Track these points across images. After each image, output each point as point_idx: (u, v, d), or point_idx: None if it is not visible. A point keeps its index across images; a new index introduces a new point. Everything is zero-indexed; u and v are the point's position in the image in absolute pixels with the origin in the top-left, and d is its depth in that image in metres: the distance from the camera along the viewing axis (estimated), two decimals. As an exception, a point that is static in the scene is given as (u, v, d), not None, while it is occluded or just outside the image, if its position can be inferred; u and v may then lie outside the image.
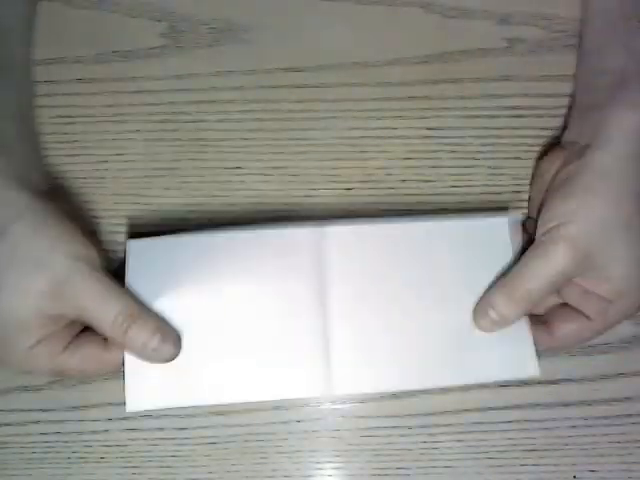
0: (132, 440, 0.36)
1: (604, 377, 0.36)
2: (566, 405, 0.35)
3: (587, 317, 0.30)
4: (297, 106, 0.35)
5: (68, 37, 0.35)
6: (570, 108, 0.34)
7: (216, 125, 0.35)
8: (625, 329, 0.35)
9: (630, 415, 0.36)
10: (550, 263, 0.28)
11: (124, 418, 0.35)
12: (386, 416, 0.36)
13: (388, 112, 0.35)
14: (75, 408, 0.35)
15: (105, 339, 0.29)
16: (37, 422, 0.36)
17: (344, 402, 0.36)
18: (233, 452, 0.36)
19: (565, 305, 0.31)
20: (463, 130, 0.35)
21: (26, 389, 0.35)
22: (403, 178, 0.35)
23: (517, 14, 0.35)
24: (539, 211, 0.30)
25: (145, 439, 0.36)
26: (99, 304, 0.27)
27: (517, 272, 0.29)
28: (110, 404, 0.35)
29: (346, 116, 0.35)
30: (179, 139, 0.35)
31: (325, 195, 0.35)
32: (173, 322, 0.30)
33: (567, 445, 0.36)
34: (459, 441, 0.35)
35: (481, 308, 0.30)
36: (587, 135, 0.30)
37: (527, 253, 0.29)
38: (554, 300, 0.32)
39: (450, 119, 0.35)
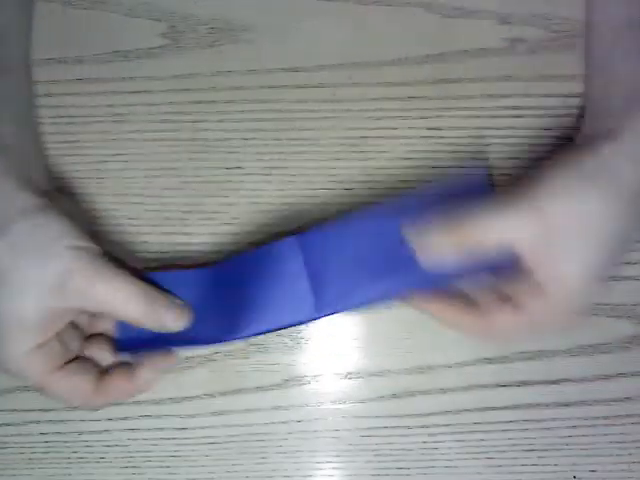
0: (132, 440, 0.36)
1: (604, 377, 0.36)
2: (566, 405, 0.35)
3: (526, 314, 0.28)
4: (297, 106, 0.35)
5: (68, 37, 0.35)
6: (580, 116, 0.34)
7: (216, 125, 0.35)
8: (625, 329, 0.35)
9: (630, 415, 0.36)
10: (509, 221, 0.27)
11: (124, 418, 0.36)
12: (386, 416, 0.36)
13: (388, 112, 0.35)
14: (75, 408, 0.35)
15: (99, 375, 0.30)
16: (37, 422, 0.36)
17: (344, 402, 0.36)
18: (233, 452, 0.36)
19: (506, 299, 0.29)
20: (463, 130, 0.35)
21: (26, 389, 0.35)
22: (403, 178, 0.35)
23: (517, 14, 0.34)
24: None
25: (145, 439, 0.36)
26: (111, 287, 0.27)
27: (474, 214, 0.27)
28: (110, 404, 0.35)
29: (346, 116, 0.35)
30: (179, 139, 0.35)
31: (325, 195, 0.35)
32: None
33: (567, 445, 0.36)
34: (459, 441, 0.36)
35: (420, 231, 0.28)
36: (599, 139, 0.29)
37: (494, 204, 0.28)
38: (495, 290, 0.30)
39: (450, 119, 0.35)
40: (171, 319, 0.29)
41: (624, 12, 0.31)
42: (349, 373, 0.36)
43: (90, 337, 0.31)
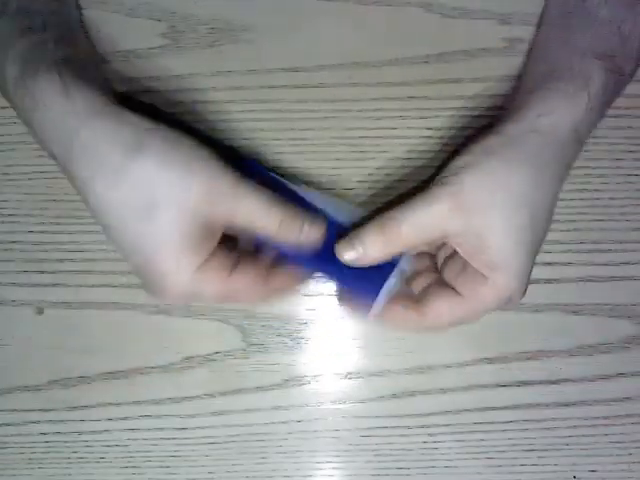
0: (132, 440, 0.36)
1: (604, 377, 0.36)
2: (566, 405, 0.35)
3: (461, 296, 0.29)
4: (297, 106, 0.35)
5: (68, 37, 0.35)
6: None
7: (216, 125, 0.35)
8: (625, 329, 0.35)
9: (630, 415, 0.36)
10: (429, 209, 0.27)
11: (124, 418, 0.36)
12: (386, 416, 0.36)
13: (388, 112, 0.35)
14: (75, 408, 0.36)
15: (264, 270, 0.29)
16: (37, 422, 0.36)
17: (344, 402, 0.36)
18: (233, 452, 0.36)
19: (441, 285, 0.30)
20: (463, 130, 0.35)
21: (26, 389, 0.35)
22: (403, 178, 0.35)
23: (517, 14, 0.34)
24: None
25: (145, 439, 0.36)
26: (252, 199, 0.27)
27: (394, 212, 0.28)
28: (110, 404, 0.36)
29: (346, 116, 0.35)
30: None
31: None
32: None
33: (567, 445, 0.36)
34: (459, 441, 0.36)
35: (348, 240, 0.29)
36: (504, 119, 0.30)
37: (412, 198, 0.28)
38: (430, 278, 0.31)
39: (450, 119, 0.35)
40: (305, 236, 0.28)
41: (561, 2, 0.32)
42: (349, 373, 0.36)
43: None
